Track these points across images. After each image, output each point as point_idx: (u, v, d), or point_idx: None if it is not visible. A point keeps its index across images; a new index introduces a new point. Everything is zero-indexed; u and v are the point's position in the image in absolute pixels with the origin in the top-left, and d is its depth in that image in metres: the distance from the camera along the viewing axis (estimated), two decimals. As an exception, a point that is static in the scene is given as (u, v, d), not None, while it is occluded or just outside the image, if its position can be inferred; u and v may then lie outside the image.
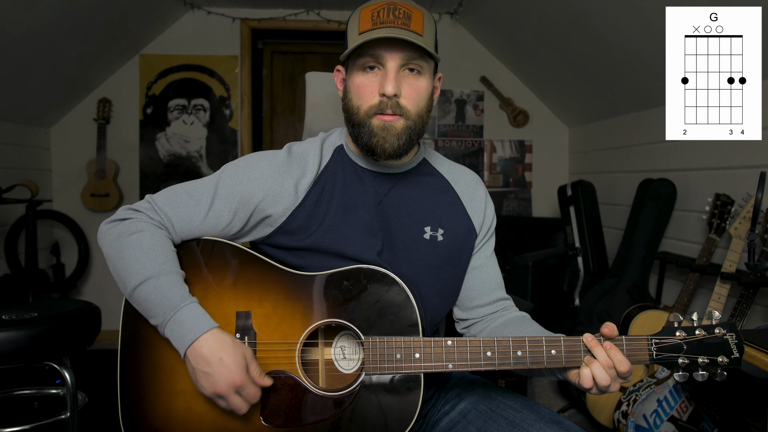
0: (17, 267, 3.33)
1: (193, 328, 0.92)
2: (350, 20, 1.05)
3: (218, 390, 0.91)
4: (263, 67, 4.46)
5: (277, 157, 1.08)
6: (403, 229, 1.08)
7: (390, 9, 0.96)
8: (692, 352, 0.92)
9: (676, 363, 0.93)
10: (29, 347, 1.55)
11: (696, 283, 2.23)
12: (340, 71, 1.09)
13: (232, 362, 0.91)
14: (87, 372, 2.01)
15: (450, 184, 1.16)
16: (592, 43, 2.84)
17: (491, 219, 1.18)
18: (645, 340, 0.93)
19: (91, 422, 2.29)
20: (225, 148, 3.88)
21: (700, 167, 2.50)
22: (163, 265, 0.97)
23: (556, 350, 0.94)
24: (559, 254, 3.17)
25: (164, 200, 1.05)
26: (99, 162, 3.70)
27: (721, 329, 0.92)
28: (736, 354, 0.91)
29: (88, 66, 3.53)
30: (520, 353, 0.94)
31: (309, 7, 3.81)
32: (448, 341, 0.94)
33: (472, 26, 3.87)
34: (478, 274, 1.16)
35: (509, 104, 3.99)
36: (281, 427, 0.97)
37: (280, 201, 1.04)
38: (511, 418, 1.02)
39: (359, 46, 0.97)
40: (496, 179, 4.06)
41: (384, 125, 0.99)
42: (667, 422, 2.00)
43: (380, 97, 0.98)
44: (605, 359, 0.91)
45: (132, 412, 1.00)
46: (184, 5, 3.70)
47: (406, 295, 0.98)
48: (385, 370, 0.95)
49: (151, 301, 0.95)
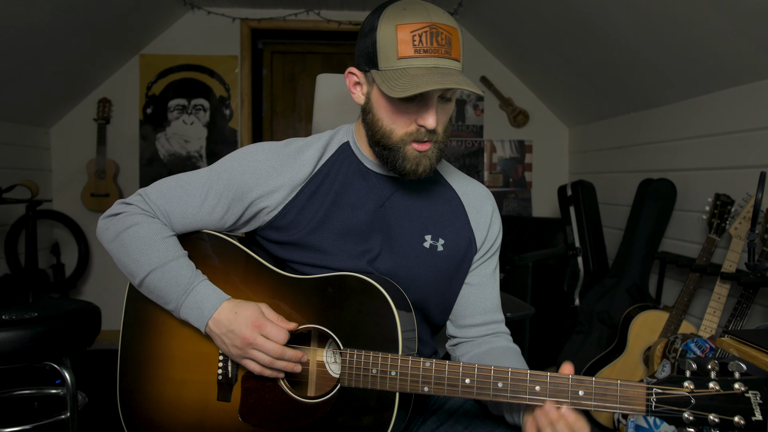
0: (17, 267, 3.33)
1: (208, 303, 0.98)
2: (381, 31, 0.93)
3: (244, 337, 0.94)
4: (263, 67, 4.46)
5: (274, 149, 1.07)
6: (403, 235, 1.06)
7: (433, 34, 0.91)
8: (701, 409, 0.77)
9: (680, 419, 0.79)
10: (29, 347, 1.55)
11: (696, 283, 2.23)
12: (357, 76, 1.01)
13: (246, 310, 0.97)
14: (87, 372, 2.01)
15: (457, 194, 1.12)
16: (592, 43, 2.84)
17: (495, 236, 1.13)
18: (644, 388, 0.81)
19: (91, 422, 2.29)
20: (225, 148, 3.88)
21: (700, 167, 2.50)
22: (166, 252, 1.01)
23: (541, 387, 0.86)
24: (559, 254, 3.17)
25: (156, 193, 1.06)
26: (99, 162, 3.70)
27: (741, 385, 0.77)
28: (758, 416, 0.75)
29: (88, 66, 3.53)
30: (501, 385, 0.87)
31: (309, 7, 3.81)
32: (426, 362, 0.90)
33: (472, 26, 3.87)
34: (474, 291, 1.12)
35: (509, 104, 3.99)
36: (257, 426, 1.00)
37: (274, 195, 1.04)
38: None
39: (402, 80, 0.90)
40: (496, 179, 4.06)
41: (418, 154, 0.98)
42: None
43: (418, 126, 0.96)
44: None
45: (128, 397, 1.06)
46: (184, 5, 3.70)
47: (390, 308, 0.94)
48: (360, 384, 0.93)
49: (161, 289, 1.00)
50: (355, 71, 1.01)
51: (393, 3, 0.96)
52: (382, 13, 0.94)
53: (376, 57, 0.94)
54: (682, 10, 2.14)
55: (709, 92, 2.41)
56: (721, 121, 2.34)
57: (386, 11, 0.94)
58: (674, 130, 2.69)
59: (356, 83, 1.02)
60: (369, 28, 0.96)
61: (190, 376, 1.04)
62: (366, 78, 1.00)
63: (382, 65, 0.93)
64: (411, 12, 0.92)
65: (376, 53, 0.94)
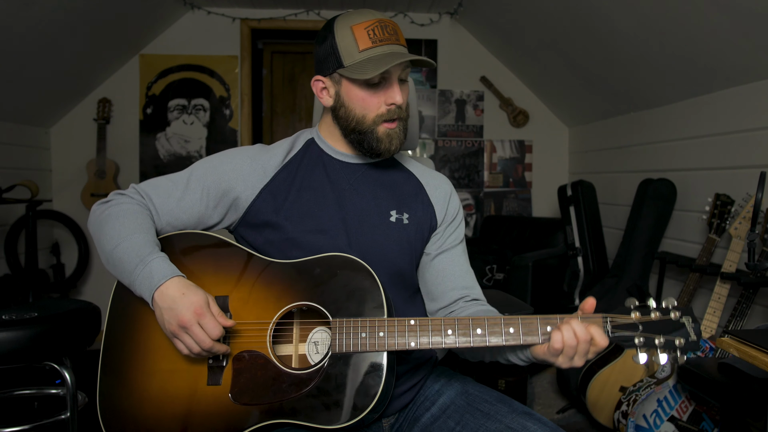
0: (17, 267, 3.33)
1: (159, 274, 1.02)
2: (339, 35, 1.09)
3: (181, 319, 0.98)
4: (263, 67, 4.46)
5: (248, 148, 1.21)
6: (369, 214, 1.16)
7: (382, 27, 1.08)
8: (649, 332, 0.93)
9: (632, 342, 0.93)
10: (29, 347, 1.55)
11: (696, 283, 2.23)
12: (323, 81, 1.15)
13: (193, 295, 1.00)
14: (87, 372, 2.01)
15: (414, 175, 1.26)
16: (592, 43, 2.84)
17: (456, 209, 1.26)
18: (600, 317, 0.95)
19: (91, 422, 2.29)
20: (225, 148, 3.84)
21: (700, 167, 2.50)
22: (137, 228, 1.07)
23: (514, 328, 0.97)
24: (559, 254, 3.18)
25: (147, 185, 1.17)
26: (99, 162, 3.70)
27: (676, 312, 0.93)
28: (693, 337, 0.92)
29: (88, 66, 3.53)
30: (480, 331, 0.97)
31: (309, 7, 3.81)
32: (411, 320, 0.99)
33: (472, 26, 3.87)
34: (447, 256, 1.22)
35: (509, 104, 3.99)
36: (249, 404, 1.02)
37: (249, 180, 1.14)
38: (486, 410, 1.08)
39: (369, 66, 1.06)
40: (496, 179, 4.06)
41: (389, 132, 1.13)
42: (667, 422, 2.00)
43: (387, 106, 1.11)
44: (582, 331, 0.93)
45: (108, 393, 1.07)
46: (184, 5, 3.70)
47: (373, 279, 1.03)
48: (350, 348, 1.00)
49: (124, 260, 1.04)
50: (321, 78, 1.15)
51: (340, 14, 1.12)
52: (335, 23, 1.10)
53: (339, 57, 1.09)
54: (682, 10, 2.14)
55: (709, 92, 2.41)
56: (721, 121, 2.34)
57: (338, 21, 1.11)
58: (674, 130, 2.69)
59: (323, 88, 1.16)
60: (324, 37, 1.11)
61: (178, 365, 1.06)
62: (332, 80, 1.13)
63: (347, 61, 1.08)
64: (359, 14, 1.10)
65: (339, 54, 1.09)
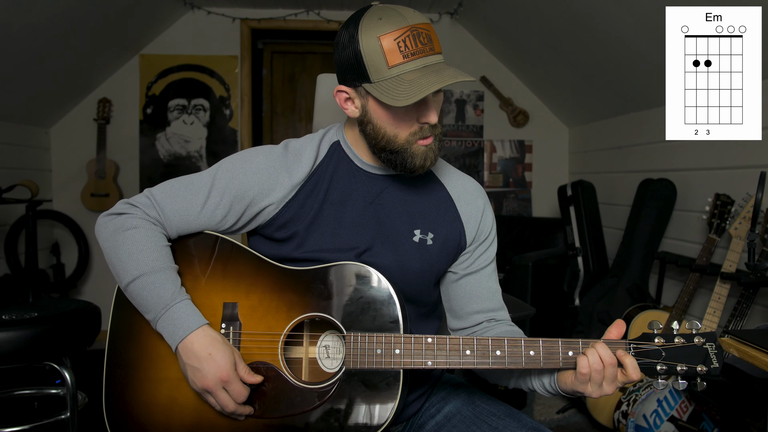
0: (17, 267, 3.33)
1: (184, 325, 0.97)
2: (365, 44, 0.95)
3: (207, 384, 0.95)
4: (263, 67, 4.46)
5: (273, 151, 1.09)
6: (393, 230, 1.08)
7: (415, 36, 0.94)
8: (671, 360, 0.91)
9: (654, 369, 0.92)
10: (29, 347, 1.55)
11: (696, 283, 2.23)
12: (347, 92, 1.02)
13: (221, 358, 0.95)
14: (87, 372, 2.01)
15: (445, 187, 1.15)
16: (592, 43, 2.84)
17: (489, 228, 1.16)
18: (624, 344, 0.93)
19: (91, 422, 2.29)
20: (225, 148, 3.88)
21: (700, 167, 2.50)
22: (156, 261, 1.00)
23: (534, 351, 0.93)
24: (559, 254, 3.17)
25: (162, 194, 1.07)
26: (99, 162, 3.70)
27: (700, 338, 0.92)
28: (715, 364, 0.90)
29: (88, 66, 3.53)
30: (499, 353, 0.93)
31: (309, 7, 3.81)
32: (428, 338, 0.95)
33: (472, 26, 3.87)
34: (475, 278, 1.14)
35: (509, 104, 3.99)
36: (259, 417, 1.00)
37: (274, 194, 1.06)
38: (494, 424, 1.04)
39: (401, 89, 0.94)
40: (496, 179, 4.06)
41: (425, 149, 1.03)
42: (667, 422, 2.00)
43: (420, 124, 1.01)
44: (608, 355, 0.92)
45: (116, 399, 1.04)
46: (184, 5, 3.70)
47: (389, 292, 0.99)
48: (365, 365, 0.96)
49: (144, 297, 0.99)
50: (345, 88, 1.02)
51: (365, 15, 0.98)
52: (360, 27, 0.96)
53: (365, 71, 0.96)
54: (682, 10, 2.14)
55: (709, 92, 2.41)
56: (721, 121, 2.34)
57: (363, 24, 0.96)
58: (674, 130, 2.69)
59: (347, 99, 1.03)
60: (347, 42, 0.98)
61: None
62: (358, 92, 1.01)
63: (374, 77, 0.96)
64: (387, 20, 0.94)
65: (365, 67, 0.96)
